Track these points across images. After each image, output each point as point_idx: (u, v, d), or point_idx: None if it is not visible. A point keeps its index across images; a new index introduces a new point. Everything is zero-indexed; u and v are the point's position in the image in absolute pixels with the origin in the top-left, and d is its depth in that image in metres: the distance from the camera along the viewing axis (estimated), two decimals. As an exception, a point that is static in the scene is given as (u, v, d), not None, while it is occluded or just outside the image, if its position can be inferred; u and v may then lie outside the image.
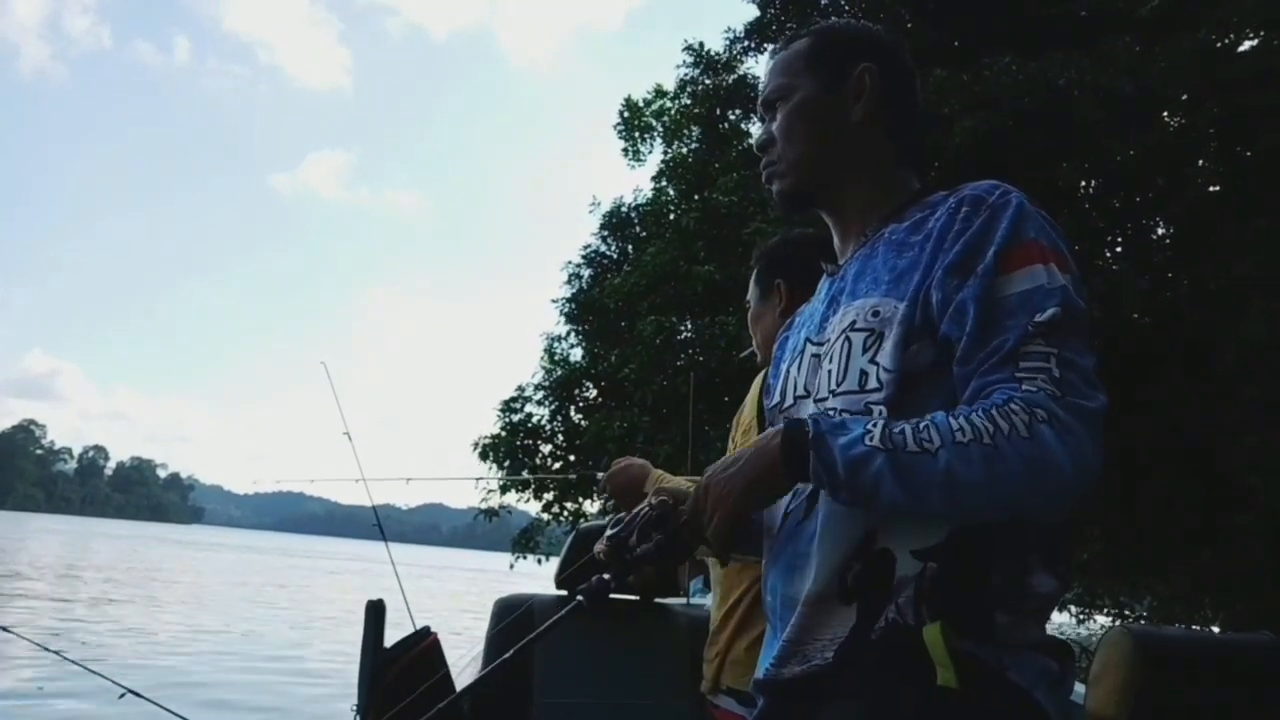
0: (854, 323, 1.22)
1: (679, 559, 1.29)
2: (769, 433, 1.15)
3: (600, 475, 2.38)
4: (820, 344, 1.29)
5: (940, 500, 1.04)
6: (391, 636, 2.63)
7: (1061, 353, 1.07)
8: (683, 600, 3.16)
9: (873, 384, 1.17)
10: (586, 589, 1.24)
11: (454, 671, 2.74)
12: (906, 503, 1.05)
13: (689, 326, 12.91)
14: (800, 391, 1.30)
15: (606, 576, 1.25)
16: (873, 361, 1.18)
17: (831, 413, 1.20)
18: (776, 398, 1.37)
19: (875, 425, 1.07)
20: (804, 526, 1.22)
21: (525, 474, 14.95)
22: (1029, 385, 1.05)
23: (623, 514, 1.32)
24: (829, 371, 1.23)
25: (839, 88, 1.33)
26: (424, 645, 2.67)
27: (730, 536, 1.17)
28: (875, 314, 1.20)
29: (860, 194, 1.33)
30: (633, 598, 3.03)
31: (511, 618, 2.85)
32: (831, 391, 1.22)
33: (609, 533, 1.29)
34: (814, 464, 1.08)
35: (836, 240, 1.40)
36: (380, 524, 3.09)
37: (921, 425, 1.05)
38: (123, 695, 2.67)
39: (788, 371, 1.36)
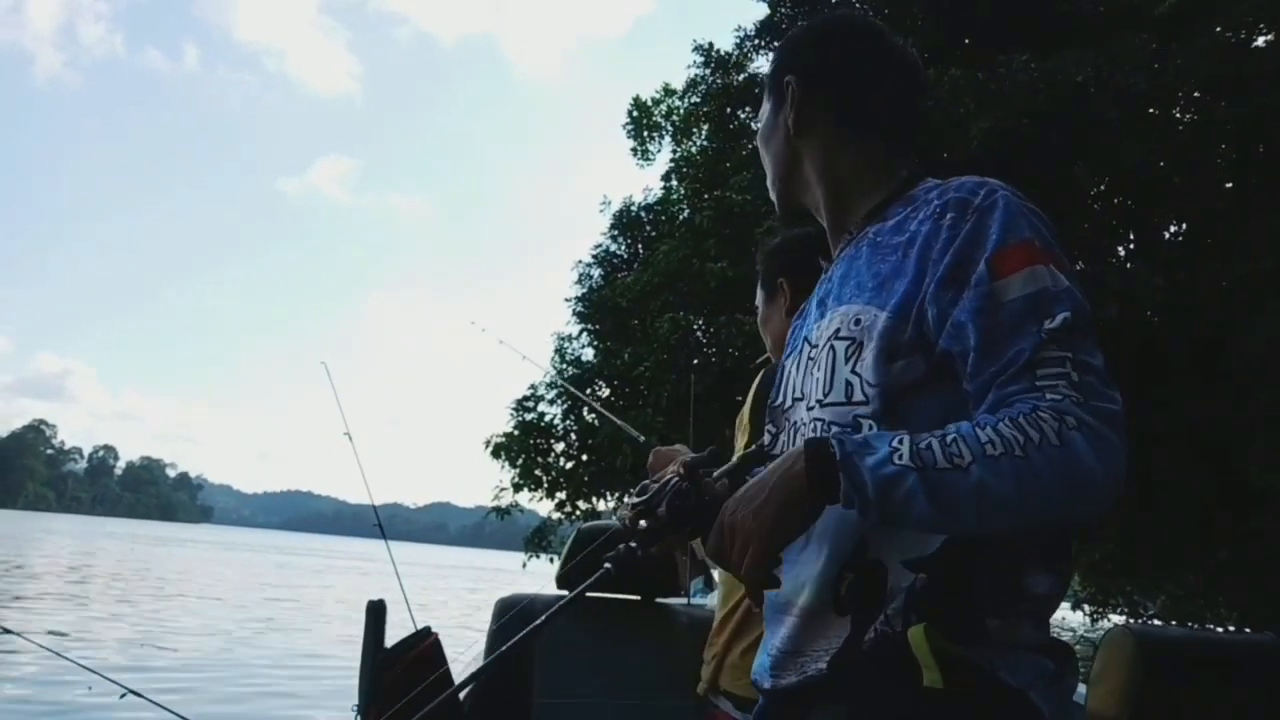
0: (838, 330, 1.21)
1: (705, 527, 1.21)
2: (789, 456, 1.09)
3: (657, 447, 2.26)
4: (814, 346, 1.28)
5: (973, 515, 1.01)
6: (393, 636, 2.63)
7: (1076, 356, 1.05)
8: (684, 600, 3.15)
9: (859, 396, 1.16)
10: (614, 555, 1.20)
11: (455, 671, 2.73)
12: (938, 520, 1.02)
13: (702, 325, 12.91)
14: (796, 394, 1.29)
15: (634, 544, 1.22)
16: (854, 372, 1.17)
17: (818, 424, 1.20)
18: (778, 397, 1.36)
19: (902, 442, 1.03)
20: None
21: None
22: (1052, 394, 1.02)
23: (647, 481, 1.29)
24: (816, 380, 1.23)
25: (781, 103, 1.36)
26: (424, 645, 2.66)
27: (766, 574, 1.10)
28: (857, 322, 1.19)
29: (837, 196, 1.33)
30: (633, 597, 3.02)
31: (512, 616, 2.84)
32: (819, 401, 1.21)
33: (634, 500, 1.25)
34: (845, 487, 1.03)
35: (830, 238, 1.39)
36: (380, 523, 3.10)
37: (949, 439, 1.02)
38: (123, 695, 2.67)
39: (788, 369, 1.35)
